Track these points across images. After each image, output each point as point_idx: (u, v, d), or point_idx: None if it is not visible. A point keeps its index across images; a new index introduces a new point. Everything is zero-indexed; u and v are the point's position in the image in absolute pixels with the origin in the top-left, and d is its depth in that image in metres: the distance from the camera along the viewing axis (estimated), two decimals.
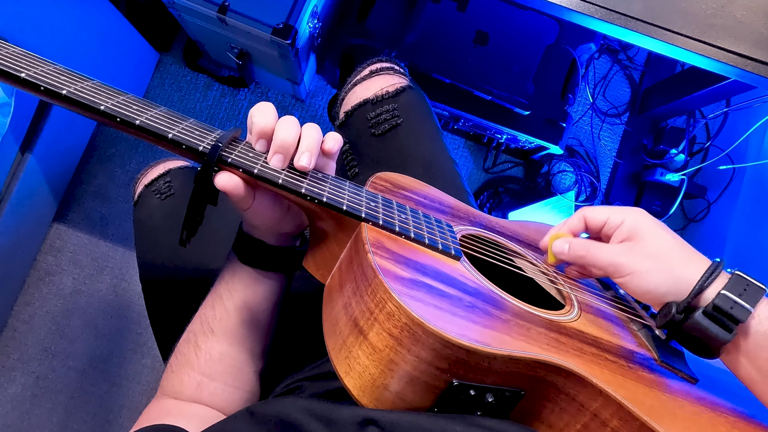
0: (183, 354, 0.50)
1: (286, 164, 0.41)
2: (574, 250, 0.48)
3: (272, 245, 0.48)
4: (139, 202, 0.69)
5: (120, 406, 1.27)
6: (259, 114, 0.41)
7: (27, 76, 0.37)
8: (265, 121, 0.41)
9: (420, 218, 0.46)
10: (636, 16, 0.70)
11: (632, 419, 0.35)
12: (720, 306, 0.40)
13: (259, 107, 0.41)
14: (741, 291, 0.40)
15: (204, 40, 1.17)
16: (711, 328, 0.40)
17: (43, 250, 1.31)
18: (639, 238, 0.44)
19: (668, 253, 0.43)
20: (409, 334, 0.33)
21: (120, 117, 0.38)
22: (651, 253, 0.43)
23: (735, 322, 0.39)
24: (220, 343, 0.49)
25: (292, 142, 0.40)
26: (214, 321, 0.49)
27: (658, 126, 1.37)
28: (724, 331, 0.40)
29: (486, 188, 1.38)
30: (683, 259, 0.43)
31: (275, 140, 0.40)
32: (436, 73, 1.10)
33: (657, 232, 0.44)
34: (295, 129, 0.41)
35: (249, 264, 0.48)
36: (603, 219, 0.47)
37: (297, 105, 1.39)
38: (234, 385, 0.50)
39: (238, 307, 0.49)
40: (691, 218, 1.40)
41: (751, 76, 0.70)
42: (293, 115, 0.45)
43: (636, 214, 0.46)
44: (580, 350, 0.39)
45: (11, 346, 1.27)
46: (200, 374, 0.48)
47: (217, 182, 0.39)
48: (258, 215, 0.44)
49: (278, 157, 0.40)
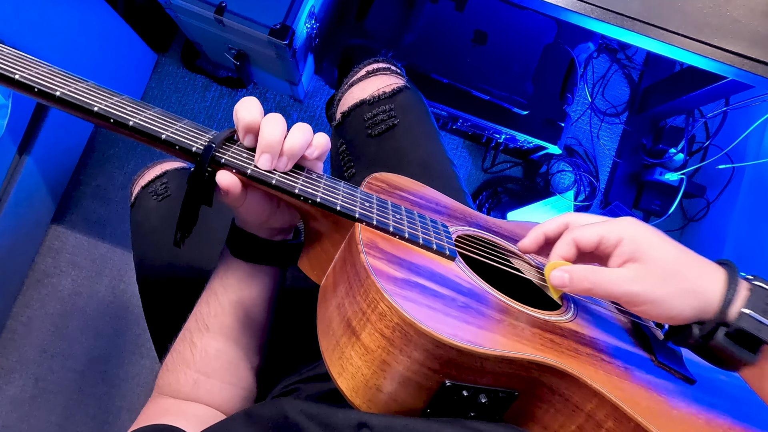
0: (179, 352, 0.49)
1: (273, 164, 0.41)
2: (577, 282, 0.41)
3: (264, 239, 0.48)
4: (136, 204, 0.69)
5: (119, 407, 1.27)
6: (243, 110, 0.41)
7: (21, 78, 0.37)
8: (250, 116, 0.41)
9: (415, 218, 0.46)
10: (633, 16, 0.70)
11: (627, 420, 0.35)
12: (745, 329, 0.37)
13: (242, 103, 0.41)
14: (764, 307, 0.37)
15: (202, 41, 1.17)
16: (735, 351, 0.38)
17: (42, 251, 1.31)
18: (645, 257, 0.39)
19: (682, 272, 0.39)
20: (401, 334, 0.32)
21: (114, 118, 0.38)
22: (664, 275, 0.39)
23: (759, 343, 0.37)
24: (216, 340, 0.49)
25: (278, 141, 0.40)
26: (209, 317, 0.49)
27: (657, 125, 1.37)
28: (748, 353, 0.38)
29: (485, 188, 1.38)
30: (698, 275, 0.39)
31: (261, 139, 0.40)
32: (434, 73, 1.10)
33: (661, 246, 0.40)
34: (280, 127, 0.41)
35: (242, 258, 0.49)
36: (595, 240, 0.42)
37: (295, 105, 1.39)
38: (231, 382, 0.49)
39: (233, 303, 0.49)
40: (690, 218, 1.39)
41: (749, 75, 0.70)
42: (291, 116, 0.45)
43: (631, 229, 0.41)
44: (575, 351, 0.39)
45: (10, 348, 1.27)
46: (196, 372, 0.48)
47: (219, 180, 0.39)
48: (250, 211, 0.44)
49: (266, 157, 0.40)
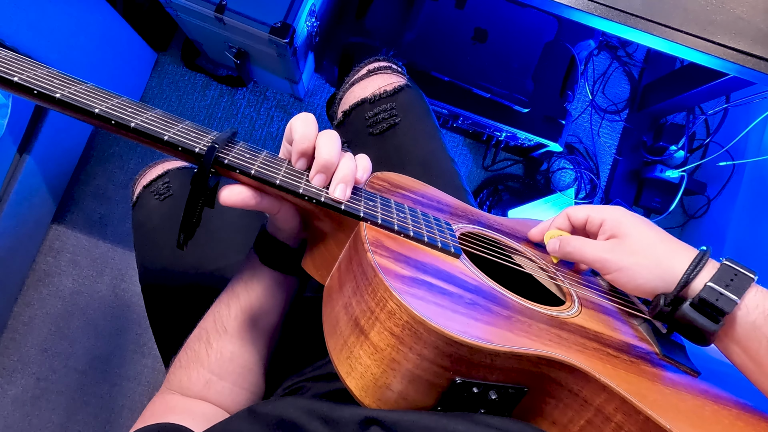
0: (194, 350, 0.49)
1: (327, 183, 0.41)
2: (563, 246, 0.50)
3: (295, 249, 0.48)
4: (138, 203, 0.69)
5: (121, 406, 1.27)
6: (301, 128, 0.41)
7: (20, 80, 0.36)
8: (306, 142, 0.41)
9: (418, 217, 0.46)
10: (636, 13, 0.69)
11: (636, 413, 0.35)
12: (705, 298, 0.40)
13: (302, 121, 0.42)
14: (728, 281, 0.41)
15: (202, 39, 1.16)
16: (698, 319, 0.41)
17: (42, 251, 1.30)
18: (623, 234, 0.45)
19: (653, 247, 0.44)
20: (410, 332, 0.32)
21: (115, 120, 0.38)
22: (636, 248, 0.44)
23: (721, 314, 0.40)
24: (233, 343, 0.49)
25: (334, 163, 0.41)
26: (228, 320, 0.49)
27: (658, 122, 1.37)
28: (711, 322, 0.41)
29: (486, 186, 1.38)
30: (669, 252, 0.44)
31: (318, 159, 0.41)
32: (435, 71, 1.09)
33: (640, 227, 0.45)
34: (337, 149, 0.41)
35: (271, 265, 0.48)
36: (583, 217, 0.49)
37: (296, 104, 1.38)
38: (242, 386, 0.50)
39: (255, 308, 0.49)
40: (691, 215, 1.40)
41: (752, 72, 0.70)
42: (292, 115, 0.45)
43: (615, 212, 0.47)
44: (582, 346, 0.39)
45: (11, 348, 1.27)
46: (210, 372, 0.48)
47: (222, 199, 0.39)
48: (287, 219, 0.44)
49: (320, 177, 0.41)
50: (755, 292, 0.41)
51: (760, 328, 0.39)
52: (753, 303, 0.40)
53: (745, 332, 0.40)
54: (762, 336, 0.39)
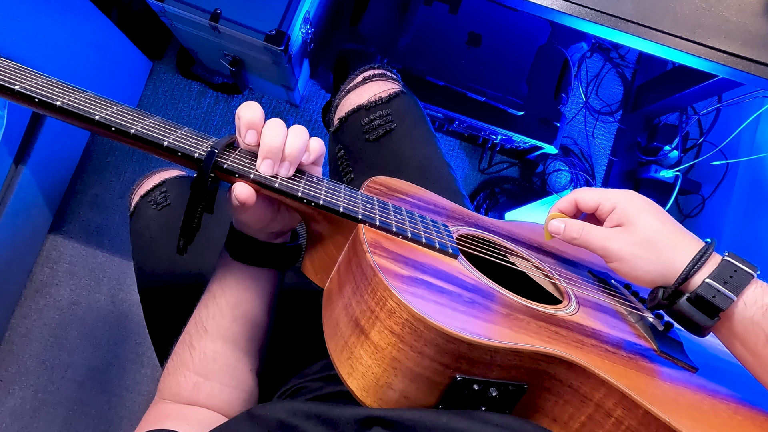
0: (179, 355, 0.50)
1: (275, 170, 0.41)
2: (568, 231, 0.48)
3: (263, 242, 0.49)
4: (136, 213, 0.69)
5: (120, 417, 1.26)
6: (245, 109, 0.42)
7: (21, 89, 0.37)
8: (252, 114, 0.42)
9: (416, 219, 0.46)
10: (626, 18, 0.70)
11: (636, 408, 0.35)
12: (702, 295, 0.41)
13: (245, 104, 0.43)
14: (726, 278, 0.41)
15: (197, 47, 1.17)
16: (695, 315, 0.42)
17: (39, 261, 1.30)
18: (630, 223, 0.45)
19: (655, 240, 0.44)
20: (410, 330, 0.33)
21: (115, 126, 0.38)
22: (638, 239, 0.44)
23: (717, 310, 0.41)
24: (214, 342, 0.49)
25: (278, 147, 0.41)
26: (207, 320, 0.49)
27: (652, 123, 1.39)
28: (706, 317, 0.41)
29: (482, 189, 1.38)
30: (671, 245, 0.43)
31: (262, 144, 0.41)
32: (429, 75, 1.10)
33: (647, 217, 0.45)
34: (281, 133, 0.42)
35: (241, 260, 0.49)
36: (595, 203, 0.48)
37: (292, 110, 1.39)
38: (230, 384, 0.50)
39: (231, 305, 0.49)
40: (686, 214, 1.40)
41: (741, 74, 0.70)
42: (288, 121, 0.45)
43: (627, 198, 0.46)
44: (580, 342, 0.39)
45: (9, 360, 1.26)
46: (196, 374, 0.48)
47: (237, 193, 0.40)
48: (252, 215, 0.44)
49: (267, 163, 0.41)
50: (755, 287, 0.41)
51: (758, 323, 0.40)
52: (751, 299, 0.40)
53: (743, 327, 0.41)
54: (760, 331, 0.40)
